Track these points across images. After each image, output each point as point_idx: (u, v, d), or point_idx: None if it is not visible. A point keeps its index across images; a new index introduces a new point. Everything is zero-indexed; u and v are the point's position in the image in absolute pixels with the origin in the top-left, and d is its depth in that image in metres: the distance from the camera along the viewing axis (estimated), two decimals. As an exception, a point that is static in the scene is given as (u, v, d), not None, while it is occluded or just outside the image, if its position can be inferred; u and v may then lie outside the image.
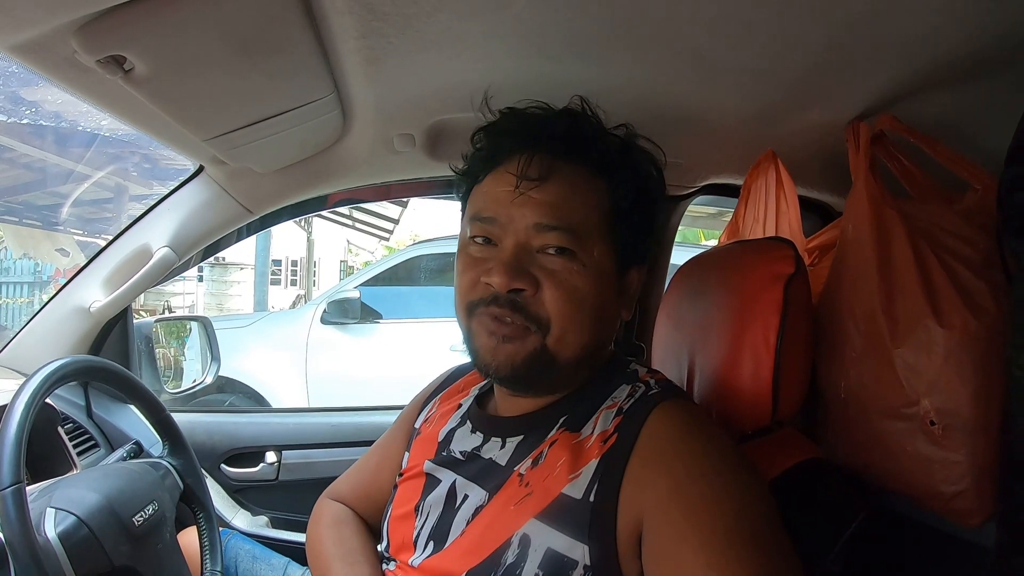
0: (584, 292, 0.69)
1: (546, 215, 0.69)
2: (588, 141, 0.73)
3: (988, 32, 0.77)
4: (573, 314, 0.69)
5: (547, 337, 0.69)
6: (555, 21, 0.80)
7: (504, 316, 0.69)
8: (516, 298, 0.69)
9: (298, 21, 0.73)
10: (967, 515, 0.75)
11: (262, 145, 1.03)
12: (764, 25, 0.78)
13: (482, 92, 1.00)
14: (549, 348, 0.69)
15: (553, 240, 0.69)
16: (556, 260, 0.69)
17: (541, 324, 0.69)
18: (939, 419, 0.75)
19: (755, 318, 0.79)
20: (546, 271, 0.69)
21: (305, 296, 11.10)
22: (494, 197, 0.72)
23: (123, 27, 0.63)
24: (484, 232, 0.72)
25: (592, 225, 0.71)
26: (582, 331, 0.70)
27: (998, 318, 0.73)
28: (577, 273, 0.69)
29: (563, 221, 0.69)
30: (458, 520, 0.72)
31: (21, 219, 7.22)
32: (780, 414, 0.79)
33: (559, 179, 0.70)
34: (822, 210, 1.40)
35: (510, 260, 0.69)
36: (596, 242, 0.71)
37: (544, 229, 0.69)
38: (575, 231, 0.69)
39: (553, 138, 0.72)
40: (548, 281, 0.69)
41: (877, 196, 0.85)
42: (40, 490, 0.89)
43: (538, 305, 0.69)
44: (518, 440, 0.74)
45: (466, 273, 0.73)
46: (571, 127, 0.74)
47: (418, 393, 0.99)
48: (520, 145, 0.72)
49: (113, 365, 1.00)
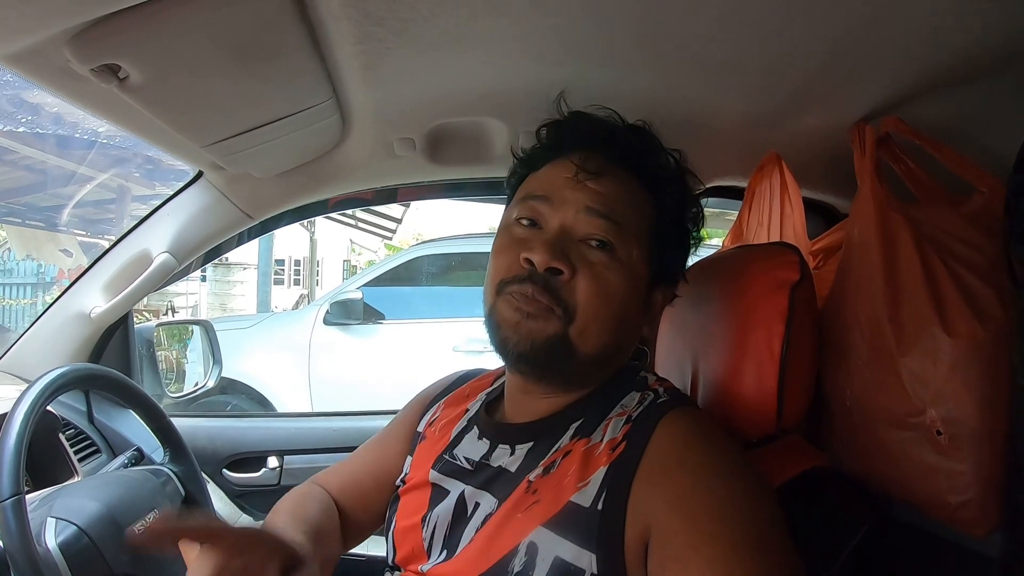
0: (616, 288, 0.70)
1: (598, 201, 0.71)
2: (644, 154, 0.77)
3: (994, 34, 0.76)
4: (600, 308, 0.70)
5: (570, 326, 0.69)
6: (554, 25, 0.79)
7: (536, 294, 0.69)
8: (551, 279, 0.69)
9: (294, 27, 0.73)
10: (973, 525, 0.74)
11: (261, 150, 1.03)
12: (768, 28, 0.78)
13: (481, 96, 1.01)
14: (571, 337, 0.69)
15: (598, 228, 0.71)
16: (595, 252, 0.71)
17: (568, 310, 0.69)
18: (945, 428, 0.73)
19: (759, 325, 0.78)
20: (584, 260, 0.70)
21: (308, 296, 11.11)
22: (550, 179, 0.75)
23: (116, 35, 0.62)
24: (532, 212, 0.74)
25: (635, 227, 0.73)
26: (605, 328, 0.71)
27: (1005, 325, 0.72)
28: (613, 268, 0.70)
29: (612, 211, 0.71)
30: (469, 528, 0.71)
31: (24, 220, 7.25)
32: (785, 422, 0.79)
33: (614, 179, 0.73)
34: (827, 212, 1.39)
35: (553, 239, 0.70)
36: (635, 245, 0.72)
37: (593, 214, 0.71)
38: (619, 225, 0.71)
39: (612, 143, 0.76)
40: (584, 269, 0.70)
41: (883, 200, 0.84)
42: (41, 499, 0.89)
43: (569, 291, 0.69)
44: (528, 447, 0.73)
45: (505, 252, 0.73)
46: (633, 137, 0.78)
47: (419, 394, 0.97)
48: (583, 141, 0.76)
49: (113, 372, 1.01)
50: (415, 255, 4.70)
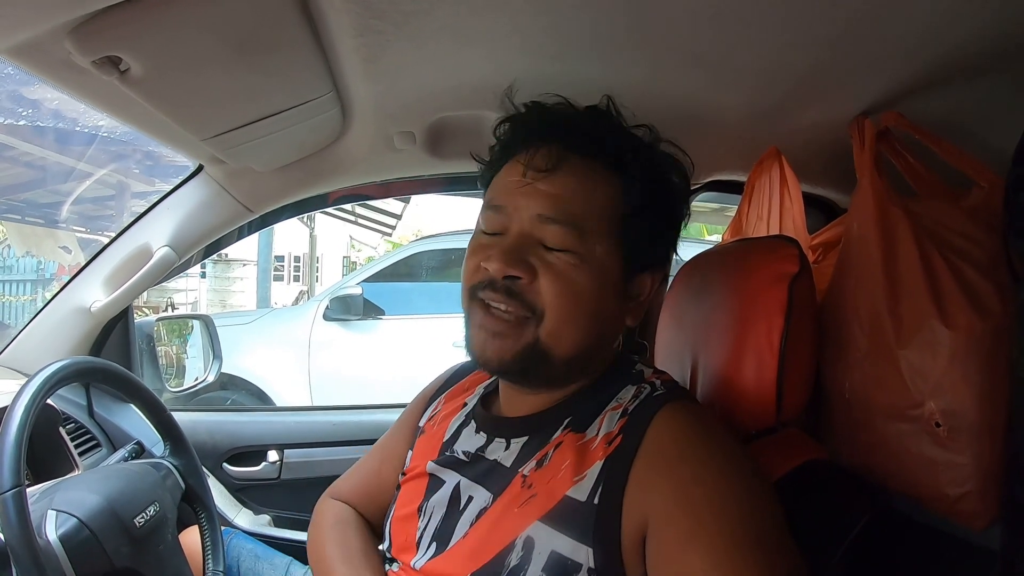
0: (582, 287, 0.69)
1: (549, 207, 0.69)
2: (604, 137, 0.73)
3: (994, 29, 0.76)
4: (569, 307, 0.68)
5: (540, 327, 0.68)
6: (554, 20, 0.79)
7: (499, 302, 0.69)
8: (511, 285, 0.69)
9: (295, 19, 0.73)
10: (972, 517, 0.75)
11: (261, 144, 1.03)
12: (768, 22, 0.78)
13: (482, 89, 1.00)
14: (542, 341, 0.68)
15: (553, 235, 0.69)
16: (555, 254, 0.69)
17: (535, 312, 0.68)
18: (944, 421, 0.74)
19: (759, 318, 0.79)
20: (545, 262, 0.69)
21: (308, 292, 11.11)
22: (504, 186, 0.73)
23: (117, 28, 0.62)
24: (490, 222, 0.73)
25: (597, 220, 0.70)
26: (577, 327, 0.69)
27: (1004, 319, 0.72)
28: (576, 267, 0.68)
29: (566, 214, 0.69)
30: (462, 522, 0.72)
31: (24, 217, 7.24)
32: (784, 415, 0.79)
33: (568, 171, 0.70)
34: (826, 207, 1.39)
35: (509, 247, 0.69)
36: (600, 239, 0.70)
37: (546, 221, 0.69)
38: (578, 225, 0.69)
39: (568, 131, 0.72)
40: (545, 271, 0.68)
41: (883, 194, 0.84)
42: (41, 492, 0.89)
43: (534, 294, 0.68)
44: (523, 441, 0.73)
45: (471, 259, 0.73)
46: (588, 122, 0.74)
47: (422, 390, 0.98)
48: (534, 136, 0.72)
49: (113, 366, 1.00)
50: (415, 251, 4.69)
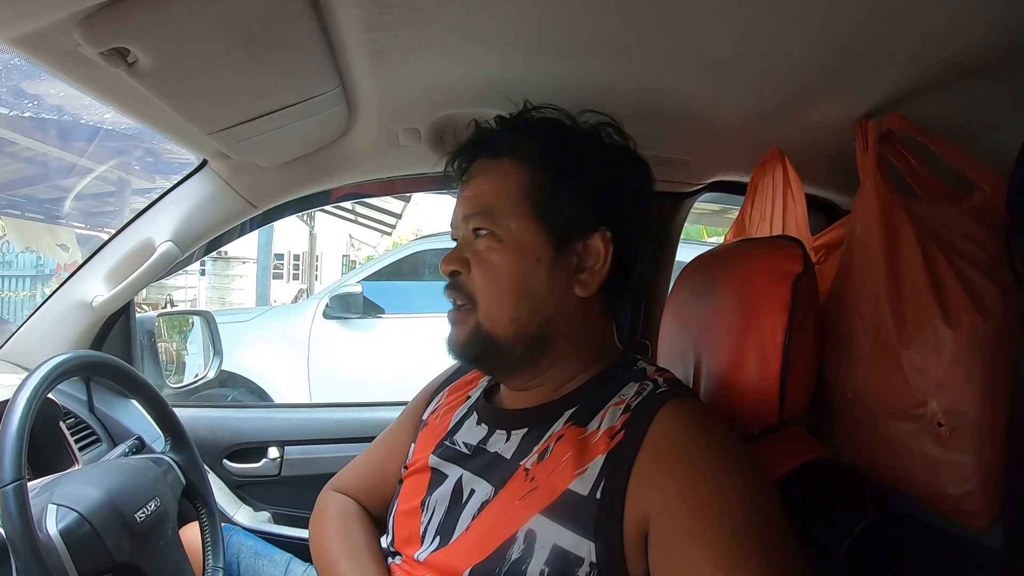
0: (500, 267, 0.74)
1: (468, 206, 0.78)
2: (500, 135, 0.80)
3: (997, 32, 0.76)
4: (492, 289, 0.75)
5: (478, 312, 0.75)
6: (562, 17, 0.79)
7: (452, 297, 0.78)
8: (454, 280, 0.78)
9: (304, 14, 0.72)
10: (974, 516, 0.75)
11: (266, 139, 1.03)
12: (772, 23, 0.78)
13: (488, 86, 1.00)
14: (482, 325, 0.75)
15: (475, 224, 0.77)
16: (479, 242, 0.76)
17: (472, 300, 0.76)
18: (947, 420, 0.74)
19: (763, 316, 0.79)
20: (474, 252, 0.76)
21: (307, 290, 11.11)
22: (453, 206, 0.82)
23: (127, 19, 0.62)
24: (453, 235, 0.82)
25: (508, 203, 0.76)
26: (504, 305, 0.74)
27: (1006, 319, 0.72)
28: (494, 250, 0.75)
29: (479, 207, 0.77)
30: (464, 515, 0.72)
31: (24, 212, 7.23)
32: (787, 413, 0.79)
33: (481, 174, 0.79)
34: (828, 208, 1.39)
35: (452, 251, 0.79)
36: (512, 217, 0.75)
37: (468, 219, 0.77)
38: (489, 212, 0.76)
39: (477, 142, 0.82)
40: (475, 262, 0.76)
41: (886, 195, 0.84)
42: (42, 486, 0.89)
43: (470, 284, 0.76)
44: (523, 433, 0.75)
45: None
46: (496, 128, 0.82)
47: (426, 385, 0.99)
48: (461, 157, 0.83)
49: (115, 360, 1.00)
50: (415, 249, 4.70)
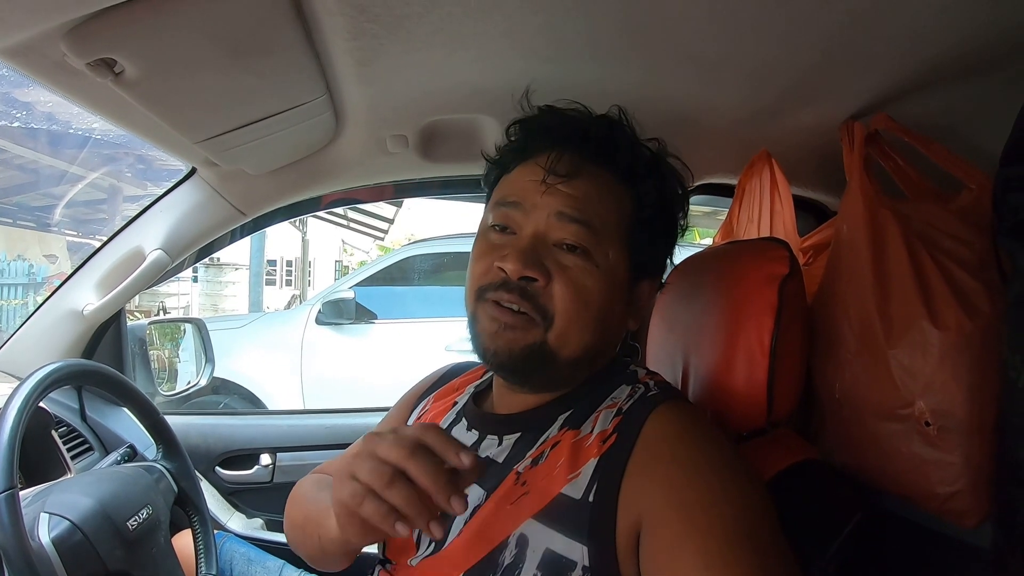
0: (593, 292, 0.70)
1: (569, 206, 0.70)
2: (619, 148, 0.75)
3: (983, 32, 0.77)
4: (579, 312, 0.69)
5: (549, 332, 0.69)
6: (547, 23, 0.80)
7: (512, 303, 0.69)
8: (526, 286, 0.69)
9: (288, 22, 0.73)
10: (963, 516, 0.75)
11: (254, 147, 1.03)
12: (758, 24, 0.78)
13: (474, 93, 1.01)
14: (549, 344, 0.70)
15: (571, 233, 0.70)
16: (570, 257, 0.70)
17: (546, 317, 0.69)
18: (934, 420, 0.75)
19: (749, 319, 0.79)
20: (559, 265, 0.70)
21: (300, 296, 11.07)
22: (521, 185, 0.74)
23: (113, 29, 0.62)
24: (505, 218, 0.74)
25: (611, 228, 0.72)
26: (584, 331, 0.70)
27: (993, 319, 0.73)
28: (589, 272, 0.70)
29: (584, 215, 0.70)
30: (457, 521, 0.71)
31: (15, 220, 7.19)
32: (775, 415, 0.79)
33: (586, 178, 0.72)
34: (816, 209, 1.40)
35: (526, 248, 0.70)
36: (612, 245, 0.72)
37: (565, 219, 0.70)
38: (593, 228, 0.70)
39: (585, 140, 0.74)
40: (559, 275, 0.69)
41: (872, 196, 0.85)
42: (34, 495, 0.88)
43: (546, 297, 0.69)
44: (515, 437, 0.73)
45: (481, 259, 0.74)
46: (605, 132, 0.75)
47: (410, 389, 0.98)
48: (553, 141, 0.74)
49: (106, 368, 1.00)
50: (407, 255, 4.69)
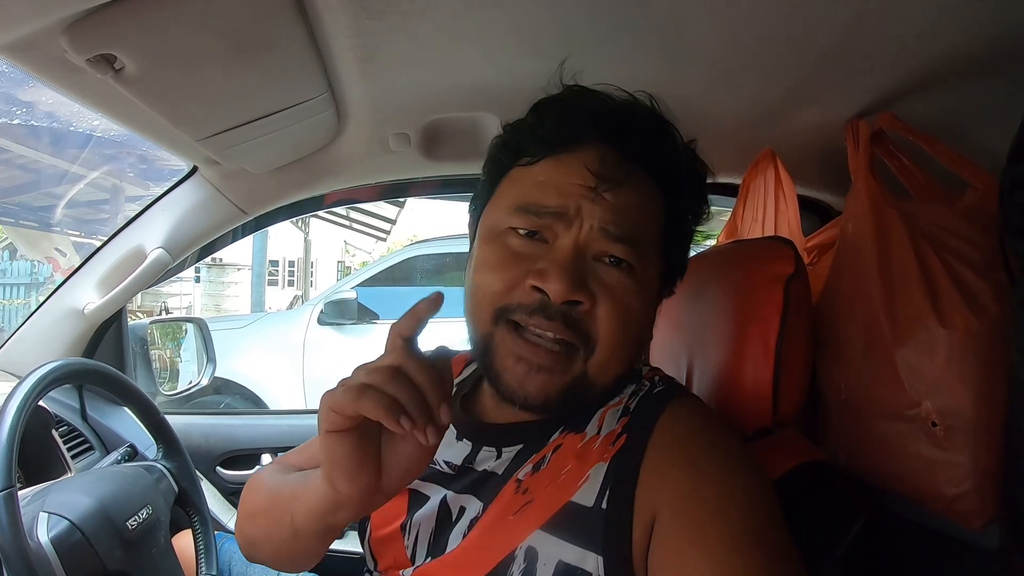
0: (637, 312, 0.63)
1: (616, 222, 0.61)
2: (665, 152, 0.66)
3: (988, 31, 0.77)
4: (623, 337, 0.63)
5: (590, 360, 0.62)
6: (549, 19, 0.79)
7: (550, 331, 0.61)
8: (571, 311, 0.61)
9: (291, 19, 0.72)
10: (970, 517, 0.75)
11: (256, 145, 1.02)
12: (762, 23, 0.78)
13: (477, 91, 1.00)
14: (589, 374, 0.63)
15: (617, 251, 0.62)
16: (614, 273, 0.62)
17: (588, 344, 0.62)
18: (941, 420, 0.74)
19: (755, 319, 0.79)
20: (604, 285, 0.62)
21: (302, 297, 11.08)
22: (561, 188, 0.63)
23: (113, 25, 0.62)
24: (537, 225, 0.63)
25: (651, 240, 0.65)
26: (625, 356, 0.64)
27: (1000, 319, 0.72)
28: (634, 292, 0.63)
29: (632, 232, 0.62)
30: (455, 534, 0.66)
31: (18, 220, 7.22)
32: (780, 416, 0.79)
33: (632, 186, 0.63)
34: (820, 209, 1.40)
35: (570, 264, 0.60)
36: (652, 260, 0.65)
37: (611, 237, 0.61)
38: (639, 244, 0.63)
39: (634, 137, 0.64)
40: (605, 297, 0.61)
41: (877, 195, 0.84)
42: (33, 494, 0.88)
43: (590, 322, 0.61)
44: (516, 450, 0.68)
45: (503, 270, 0.63)
46: (651, 128, 0.66)
47: None
48: (596, 137, 0.64)
49: (107, 367, 1.00)
50: (409, 255, 4.71)
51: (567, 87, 0.69)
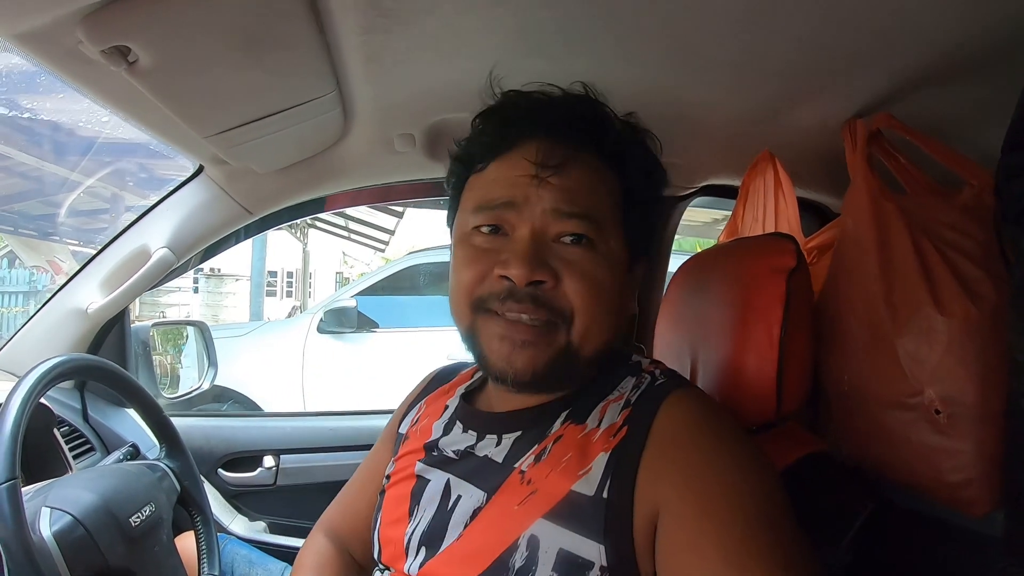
0: (605, 283, 0.67)
1: (566, 201, 0.65)
2: (601, 129, 0.70)
3: (983, 30, 0.78)
4: (597, 306, 0.66)
5: (572, 331, 0.65)
6: (554, 18, 0.80)
7: (523, 313, 0.64)
8: (536, 291, 0.64)
9: (302, 16, 0.73)
10: (973, 504, 0.75)
11: (263, 144, 1.03)
12: (761, 24, 0.79)
13: (482, 92, 1.01)
14: (573, 344, 0.66)
15: (572, 228, 0.66)
16: (575, 250, 0.66)
17: (565, 318, 0.65)
18: (944, 407, 0.74)
19: (758, 311, 0.79)
20: (565, 261, 0.65)
21: (301, 307, 11.06)
22: (508, 182, 0.68)
23: (129, 17, 0.63)
24: (495, 219, 0.68)
25: (608, 214, 0.68)
26: (604, 325, 0.67)
27: (998, 306, 0.73)
28: (597, 263, 0.66)
29: (583, 208, 0.66)
30: (454, 522, 0.68)
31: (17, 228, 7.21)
32: (784, 408, 0.79)
33: (577, 166, 0.67)
34: (818, 211, 1.41)
35: (528, 249, 0.64)
36: (611, 232, 0.68)
37: (563, 216, 0.65)
38: (594, 219, 0.66)
39: (567, 125, 0.69)
40: (568, 272, 0.65)
41: (876, 190, 0.85)
42: (36, 490, 0.88)
43: (561, 298, 0.65)
44: (515, 436, 0.70)
45: (472, 266, 0.68)
46: (584, 113, 0.71)
47: (401, 403, 0.94)
48: (532, 132, 0.68)
49: (110, 364, 0.99)
50: (409, 264, 4.71)
51: (503, 93, 0.75)
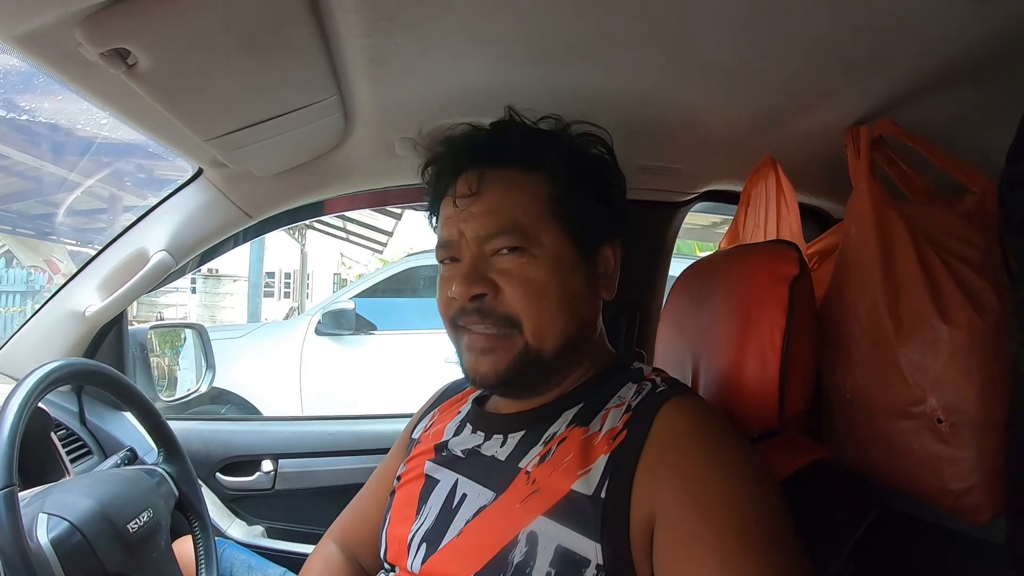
0: (542, 282, 0.72)
1: (484, 225, 0.73)
2: (511, 144, 0.77)
3: (985, 35, 0.77)
4: (539, 304, 0.71)
5: (524, 333, 0.71)
6: (558, 25, 0.80)
7: (476, 325, 0.73)
8: (481, 304, 0.72)
9: (304, 18, 0.73)
10: (976, 512, 0.75)
11: (263, 147, 1.03)
12: (763, 30, 0.79)
13: (485, 96, 1.00)
14: (532, 345, 0.71)
15: (501, 243, 0.72)
16: (510, 259, 0.72)
17: (514, 323, 0.71)
18: (946, 416, 0.74)
19: (761, 318, 0.79)
20: (502, 272, 0.72)
21: (298, 308, 11.06)
22: (445, 221, 0.77)
23: (129, 19, 0.62)
24: (450, 254, 0.76)
25: (535, 217, 0.73)
26: (555, 319, 0.72)
27: (1002, 316, 0.73)
28: (531, 265, 0.72)
29: (502, 224, 0.72)
30: (457, 520, 0.71)
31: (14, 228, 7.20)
32: (787, 415, 0.79)
33: (491, 187, 0.74)
34: (820, 217, 1.41)
35: (467, 271, 0.73)
36: (544, 231, 0.73)
37: (488, 238, 0.72)
38: (518, 228, 0.72)
39: (478, 151, 0.77)
40: (506, 281, 0.72)
41: (879, 197, 0.85)
42: (32, 496, 0.87)
43: (503, 305, 0.71)
44: (520, 436, 0.74)
45: (440, 292, 0.77)
46: (493, 137, 0.79)
47: (417, 409, 0.98)
48: (454, 168, 0.78)
49: (108, 369, 0.99)
50: (407, 266, 4.72)
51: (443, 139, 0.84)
